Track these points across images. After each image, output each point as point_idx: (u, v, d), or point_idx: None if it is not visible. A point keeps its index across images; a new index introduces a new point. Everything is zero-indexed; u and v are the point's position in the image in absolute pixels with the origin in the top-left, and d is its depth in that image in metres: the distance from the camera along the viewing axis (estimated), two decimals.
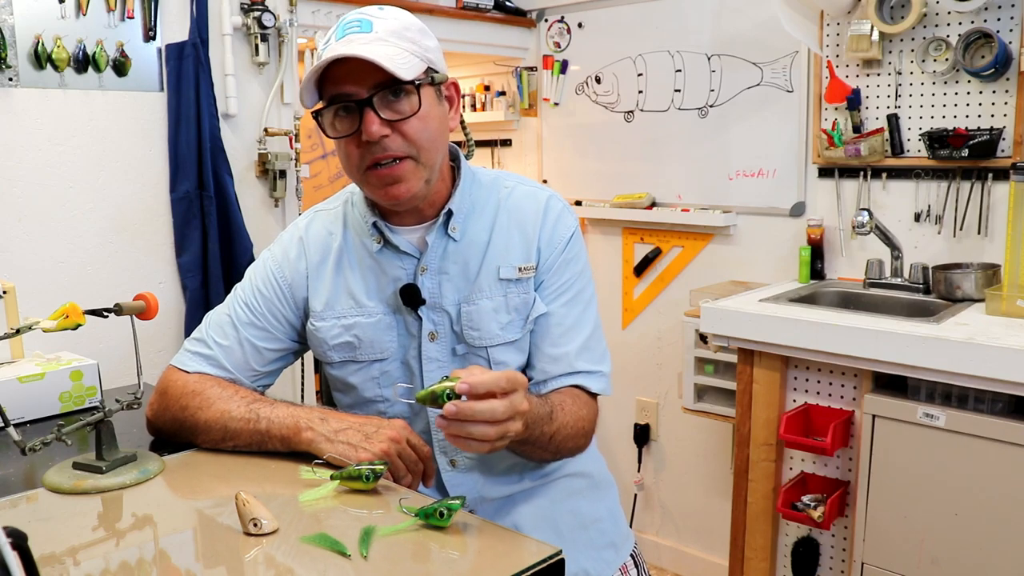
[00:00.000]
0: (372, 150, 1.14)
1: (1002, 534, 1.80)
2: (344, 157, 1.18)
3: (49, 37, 2.03)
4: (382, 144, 1.13)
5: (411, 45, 1.14)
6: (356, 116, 1.13)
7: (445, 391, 0.96)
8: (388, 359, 1.25)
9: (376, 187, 1.17)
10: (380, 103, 1.12)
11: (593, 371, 1.25)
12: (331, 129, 1.16)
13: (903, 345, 1.88)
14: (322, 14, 2.55)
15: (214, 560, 0.91)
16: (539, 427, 1.11)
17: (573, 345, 1.24)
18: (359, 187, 1.24)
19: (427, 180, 1.19)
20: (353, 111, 1.13)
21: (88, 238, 2.15)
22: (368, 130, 1.11)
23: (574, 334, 1.25)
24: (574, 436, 1.20)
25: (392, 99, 1.13)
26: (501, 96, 3.34)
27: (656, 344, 3.07)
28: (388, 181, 1.16)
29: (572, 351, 1.24)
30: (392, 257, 1.24)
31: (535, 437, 1.11)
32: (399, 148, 1.14)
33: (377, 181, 1.16)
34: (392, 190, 1.16)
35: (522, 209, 1.27)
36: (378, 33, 1.13)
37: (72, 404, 1.46)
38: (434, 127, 1.17)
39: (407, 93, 1.14)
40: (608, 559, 1.33)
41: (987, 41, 2.19)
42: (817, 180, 2.60)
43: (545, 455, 1.20)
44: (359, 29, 1.13)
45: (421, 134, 1.15)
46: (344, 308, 1.25)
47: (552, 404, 1.16)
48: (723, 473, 2.88)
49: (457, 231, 1.23)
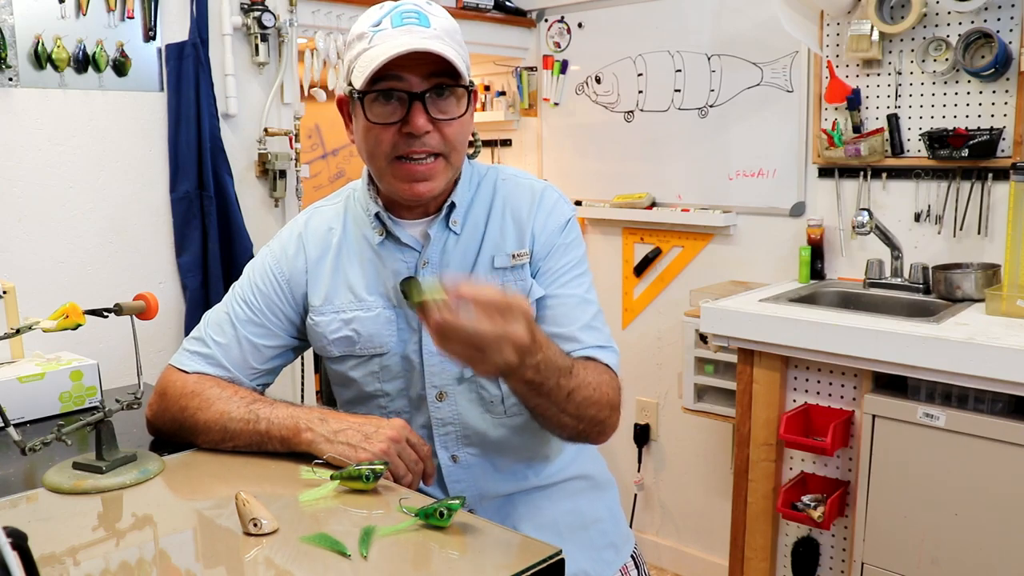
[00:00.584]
0: (409, 142, 1.14)
1: (1002, 534, 1.80)
2: (373, 142, 1.16)
3: (49, 37, 2.03)
4: (422, 139, 1.13)
5: (461, 49, 1.16)
6: (401, 105, 1.13)
7: (438, 297, 0.92)
8: (388, 353, 1.24)
9: (401, 179, 1.16)
10: (430, 99, 1.13)
11: (604, 346, 1.22)
12: (370, 112, 1.14)
13: (903, 345, 1.88)
14: (322, 14, 2.55)
15: (214, 560, 0.91)
16: (554, 376, 1.05)
17: (577, 325, 1.22)
18: (379, 176, 1.21)
19: (450, 179, 1.20)
20: (401, 99, 1.13)
21: (88, 238, 2.15)
22: (415, 123, 1.11)
23: (577, 314, 1.22)
24: (597, 402, 1.14)
25: (438, 97, 1.14)
26: (501, 96, 3.34)
27: (656, 344, 3.07)
28: (417, 177, 1.16)
29: (576, 329, 1.21)
30: (393, 250, 1.24)
31: (550, 388, 1.05)
32: (436, 145, 1.15)
33: (404, 174, 1.16)
34: (418, 187, 1.16)
35: (517, 198, 1.27)
36: (435, 30, 1.13)
37: (72, 404, 1.46)
38: (466, 131, 1.19)
39: (456, 95, 1.15)
40: (608, 559, 1.33)
41: (987, 41, 2.19)
42: (817, 180, 2.60)
43: (565, 419, 1.12)
44: (417, 21, 1.13)
45: (458, 136, 1.16)
46: (343, 302, 1.25)
47: (574, 360, 1.12)
48: (723, 473, 2.88)
49: (458, 224, 1.24)
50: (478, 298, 0.92)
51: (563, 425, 1.14)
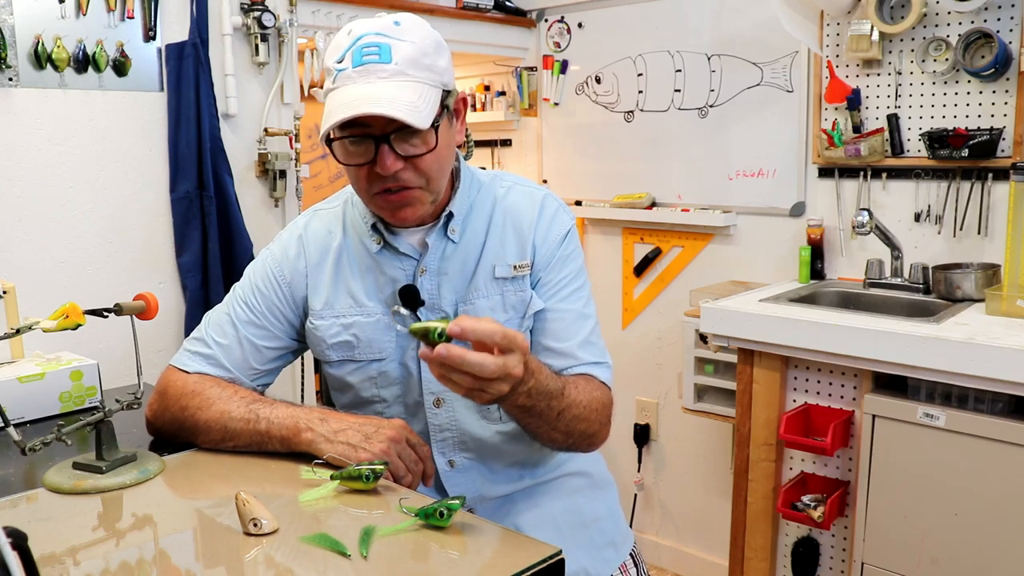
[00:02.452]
0: (384, 180, 1.14)
1: (1002, 534, 1.80)
2: (353, 180, 1.19)
3: (49, 37, 2.03)
4: (395, 176, 1.13)
5: (429, 74, 1.12)
6: (370, 145, 1.12)
7: (437, 330, 0.92)
8: (386, 359, 1.25)
9: (384, 209, 1.19)
10: (397, 139, 1.11)
11: (599, 362, 1.24)
12: (343, 154, 1.15)
13: (903, 345, 1.88)
14: (322, 14, 2.55)
15: (214, 560, 0.91)
16: (545, 399, 1.07)
17: (575, 340, 1.23)
18: (366, 206, 1.23)
19: (432, 202, 1.20)
20: (367, 142, 1.12)
21: (88, 238, 2.15)
22: (383, 164, 1.11)
23: (575, 329, 1.24)
24: (587, 419, 1.16)
25: (408, 135, 1.12)
26: (501, 96, 3.34)
27: (656, 344, 3.07)
28: (397, 206, 1.17)
29: (574, 345, 1.23)
30: (391, 258, 1.24)
31: (541, 409, 1.08)
32: (410, 180, 1.15)
33: (386, 204, 1.17)
34: (400, 213, 1.18)
35: (518, 208, 1.27)
36: (397, 64, 1.09)
37: (72, 404, 1.46)
38: (444, 156, 1.17)
39: (423, 132, 1.12)
40: (608, 558, 1.33)
41: (987, 41, 2.19)
42: (817, 180, 2.60)
43: (555, 435, 1.15)
44: (378, 58, 1.09)
45: (432, 167, 1.15)
46: (343, 307, 1.25)
47: (566, 381, 1.14)
48: (723, 473, 2.88)
49: (456, 233, 1.24)
50: (478, 332, 0.94)
51: (553, 440, 1.17)
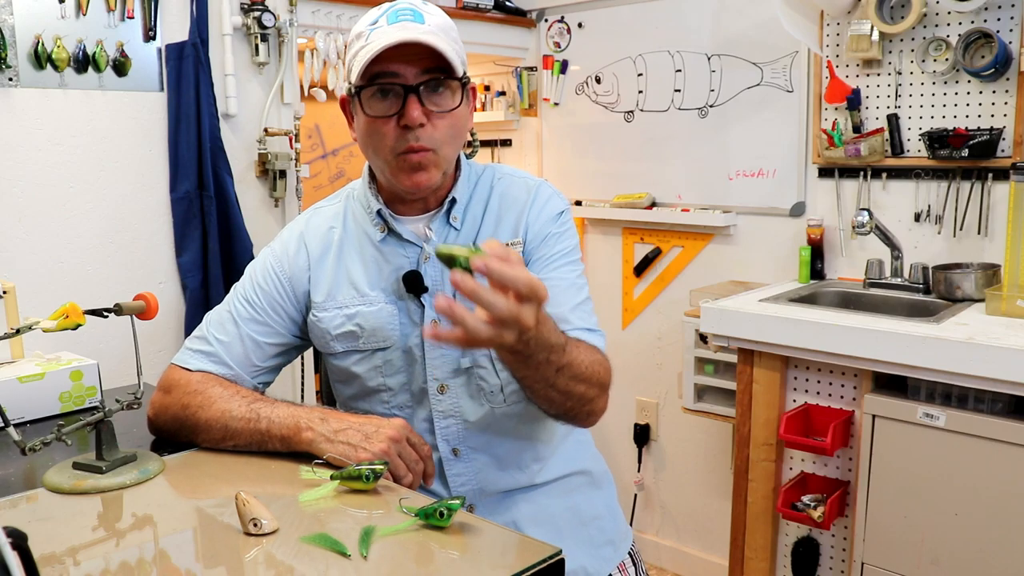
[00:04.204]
0: (407, 137, 1.15)
1: (1002, 534, 1.80)
2: (377, 137, 1.18)
3: (49, 37, 2.03)
4: (416, 133, 1.15)
5: (456, 44, 1.18)
6: (397, 99, 1.15)
7: (463, 258, 0.89)
8: (391, 347, 1.25)
9: (404, 171, 1.18)
10: (425, 92, 1.15)
11: (593, 329, 1.23)
12: (368, 107, 1.17)
13: (903, 345, 1.88)
14: (322, 14, 2.55)
15: (214, 560, 0.91)
16: (546, 352, 1.04)
17: (567, 306, 1.22)
18: (381, 171, 1.22)
19: (443, 173, 1.22)
20: (396, 93, 1.15)
21: (88, 238, 2.15)
22: (410, 114, 1.13)
23: (568, 296, 1.23)
24: (587, 380, 1.13)
25: (433, 91, 1.16)
26: (501, 96, 3.34)
27: (656, 344, 3.07)
28: (416, 167, 1.17)
29: (567, 311, 1.22)
30: (395, 246, 1.25)
31: (539, 361, 1.04)
32: (429, 139, 1.16)
33: (406, 164, 1.17)
34: (417, 176, 1.18)
35: (514, 194, 1.29)
36: (430, 26, 1.15)
37: (72, 404, 1.46)
38: (460, 125, 1.21)
39: (450, 89, 1.17)
40: (607, 556, 1.33)
41: (987, 41, 2.19)
42: (817, 180, 2.60)
43: (552, 393, 1.11)
44: (412, 18, 1.15)
45: (449, 131, 1.18)
46: (346, 297, 1.26)
47: (568, 338, 1.11)
48: (723, 473, 2.88)
49: (458, 220, 1.26)
50: (503, 275, 0.90)
51: (550, 400, 1.13)
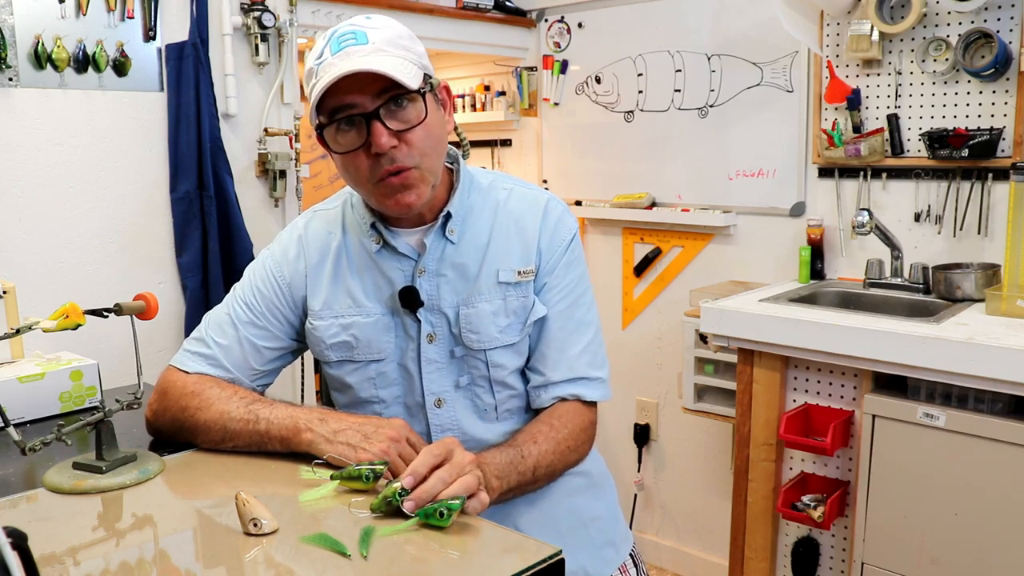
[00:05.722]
0: (381, 162, 1.13)
1: (1002, 534, 1.80)
2: (353, 170, 1.16)
3: (49, 37, 2.03)
4: (390, 155, 1.12)
5: (407, 53, 1.13)
6: (361, 128, 1.12)
7: (395, 492, 0.97)
8: (385, 360, 1.25)
9: (387, 196, 1.16)
10: (386, 114, 1.11)
11: (593, 377, 1.26)
12: (335, 144, 1.14)
13: (903, 345, 1.88)
14: (322, 14, 2.55)
15: (214, 560, 0.91)
16: (512, 475, 1.12)
17: (575, 349, 1.25)
18: (367, 200, 1.22)
19: (432, 186, 1.19)
20: (358, 123, 1.12)
21: (88, 238, 2.15)
22: (378, 142, 1.10)
23: (576, 338, 1.26)
24: (564, 453, 1.21)
25: (396, 108, 1.12)
26: (501, 96, 3.34)
27: (656, 344, 3.07)
28: (398, 189, 1.15)
29: (574, 355, 1.25)
30: (390, 258, 1.24)
31: (514, 484, 1.12)
32: (405, 158, 1.13)
33: (388, 191, 1.15)
34: (403, 198, 1.15)
35: (521, 211, 1.27)
36: (375, 44, 1.11)
37: (72, 404, 1.46)
38: (436, 133, 1.17)
39: (412, 102, 1.13)
40: (607, 558, 1.33)
41: (987, 41, 2.19)
42: (817, 180, 2.60)
43: (541, 484, 1.20)
44: (355, 41, 1.11)
45: (425, 142, 1.15)
46: (342, 308, 1.25)
47: (518, 443, 1.17)
48: (723, 473, 2.88)
49: (455, 234, 1.24)
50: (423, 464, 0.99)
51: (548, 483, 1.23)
